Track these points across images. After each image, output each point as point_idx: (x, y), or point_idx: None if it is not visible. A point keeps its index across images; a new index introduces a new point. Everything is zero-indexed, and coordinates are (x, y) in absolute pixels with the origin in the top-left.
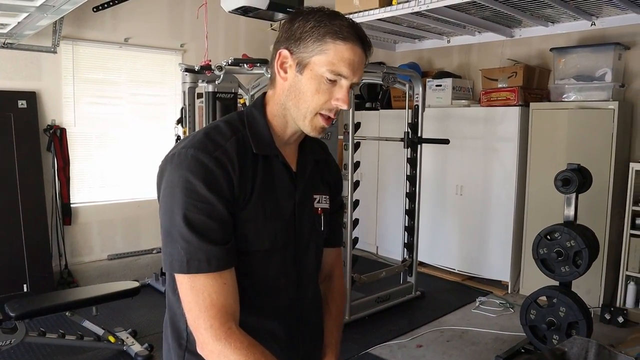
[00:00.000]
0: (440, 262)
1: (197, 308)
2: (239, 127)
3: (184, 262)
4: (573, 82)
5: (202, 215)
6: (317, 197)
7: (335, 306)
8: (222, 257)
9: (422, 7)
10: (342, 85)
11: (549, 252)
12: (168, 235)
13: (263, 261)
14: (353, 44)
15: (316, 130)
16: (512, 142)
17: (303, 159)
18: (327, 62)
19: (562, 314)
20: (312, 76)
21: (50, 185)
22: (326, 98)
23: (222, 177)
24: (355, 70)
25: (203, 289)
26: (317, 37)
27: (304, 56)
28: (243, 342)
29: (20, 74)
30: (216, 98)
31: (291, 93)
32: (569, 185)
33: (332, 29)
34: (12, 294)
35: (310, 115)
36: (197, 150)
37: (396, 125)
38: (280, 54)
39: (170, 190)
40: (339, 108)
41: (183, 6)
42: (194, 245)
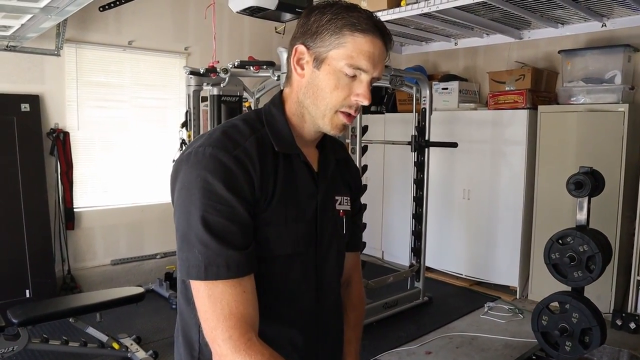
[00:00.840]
0: (448, 267)
1: (215, 318)
2: (257, 125)
3: (201, 267)
4: (582, 85)
5: (222, 217)
6: (338, 199)
7: (355, 315)
8: (242, 262)
9: (431, 8)
10: (362, 80)
11: (561, 257)
12: (184, 239)
13: (284, 266)
14: (373, 36)
15: (337, 129)
16: (520, 146)
17: (324, 158)
18: (345, 55)
19: (575, 320)
20: (330, 71)
21: (53, 190)
22: (346, 94)
23: (242, 177)
24: (376, 63)
25: (221, 297)
26: (335, 30)
27: (321, 51)
28: (264, 354)
29: (23, 77)
30: (221, 101)
31: (309, 90)
32: (581, 189)
33: (350, 20)
34: (14, 299)
35: (330, 112)
36: (215, 148)
37: (402, 129)
38: (297, 49)
39: (186, 192)
40: (360, 104)
41: (187, 9)
42: (212, 250)
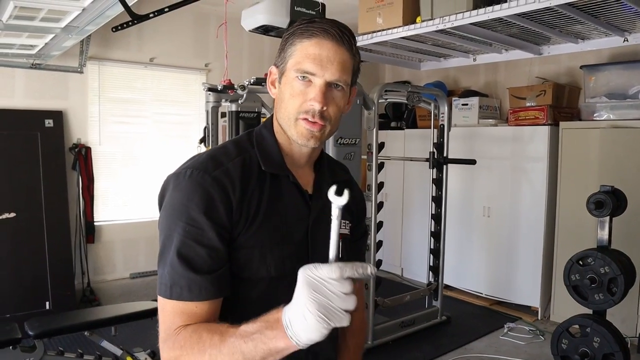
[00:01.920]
0: (467, 286)
1: (165, 332)
2: (247, 147)
3: (168, 286)
4: (605, 101)
5: (192, 240)
6: None
7: (354, 341)
8: (204, 286)
9: (446, 24)
10: (315, 84)
11: (581, 279)
12: (161, 257)
13: (269, 288)
14: (319, 39)
15: (303, 137)
16: (542, 163)
17: (319, 179)
18: (294, 62)
19: (596, 345)
20: (286, 82)
21: (75, 204)
22: (301, 100)
23: (219, 200)
24: (324, 64)
25: (175, 313)
26: (290, 43)
27: (282, 66)
28: (185, 330)
29: (47, 94)
30: (239, 117)
31: (277, 105)
32: (602, 209)
33: (300, 30)
34: (34, 311)
35: (292, 121)
36: (196, 170)
37: (422, 145)
38: (270, 71)
39: (165, 212)
40: (315, 109)
41: (208, 26)
42: (178, 272)
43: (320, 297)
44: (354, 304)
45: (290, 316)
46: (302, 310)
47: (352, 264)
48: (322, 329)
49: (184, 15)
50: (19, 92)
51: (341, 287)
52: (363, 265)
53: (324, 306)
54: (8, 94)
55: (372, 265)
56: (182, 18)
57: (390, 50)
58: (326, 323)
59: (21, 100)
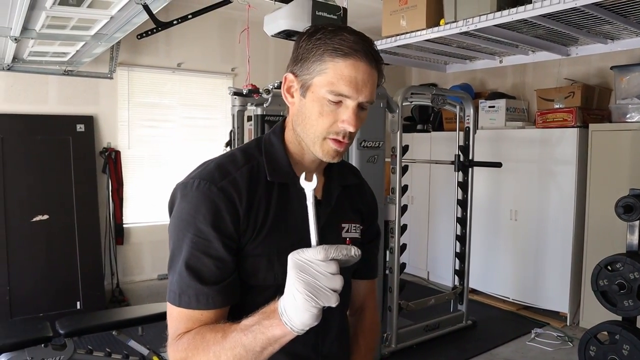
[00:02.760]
0: (494, 290)
1: (170, 336)
2: (255, 154)
3: (176, 295)
4: (637, 102)
5: (200, 251)
6: (345, 226)
7: (365, 342)
8: (212, 296)
9: (470, 27)
10: (347, 105)
11: (609, 284)
12: (170, 265)
13: (276, 295)
14: (355, 60)
15: (329, 155)
16: (570, 166)
17: (328, 185)
18: (327, 82)
19: (625, 352)
20: (314, 99)
21: (104, 206)
22: (331, 121)
23: (225, 210)
24: (360, 88)
25: (182, 320)
26: (317, 57)
27: (307, 78)
28: (189, 332)
29: (79, 99)
30: (264, 121)
31: (299, 118)
32: (631, 213)
33: (332, 46)
34: (65, 310)
35: (318, 140)
36: (203, 181)
37: (448, 147)
38: (286, 78)
39: (175, 222)
40: (347, 131)
41: (234, 31)
42: (185, 282)
43: (308, 277)
44: (340, 284)
45: (284, 303)
46: (291, 291)
47: (336, 245)
48: (311, 307)
49: (210, 21)
50: (52, 98)
51: (327, 267)
52: (347, 247)
53: (312, 285)
54: (42, 100)
55: (357, 248)
56: (209, 24)
57: (415, 52)
58: (314, 302)
59: (54, 106)
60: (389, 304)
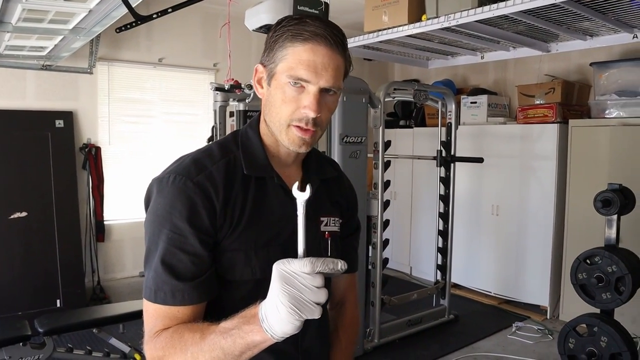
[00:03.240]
0: (476, 285)
1: (148, 335)
2: (232, 148)
3: (152, 291)
4: (615, 98)
5: (175, 247)
6: (324, 220)
7: (346, 336)
8: (188, 292)
9: (451, 22)
10: (308, 91)
11: (588, 278)
12: (146, 261)
13: (254, 290)
14: (314, 44)
15: (295, 144)
16: (551, 161)
17: (307, 179)
18: (287, 67)
19: (603, 344)
20: (277, 85)
21: (85, 203)
22: (294, 107)
23: (201, 205)
24: (319, 71)
25: (159, 317)
26: (280, 44)
27: (272, 67)
28: (167, 331)
29: (58, 95)
30: (247, 116)
31: (266, 107)
32: (609, 207)
33: (292, 32)
34: (45, 309)
35: (283, 127)
36: (179, 176)
37: (430, 143)
38: (257, 69)
39: (151, 217)
40: (309, 116)
41: (216, 26)
42: (161, 278)
43: (293, 289)
44: (325, 297)
45: (265, 310)
46: (275, 302)
47: (323, 259)
48: (294, 320)
49: (192, 16)
50: (30, 93)
51: (313, 280)
52: (334, 261)
53: (296, 298)
54: (19, 95)
55: (343, 262)
56: (190, 18)
57: (398, 48)
58: (298, 315)
59: (32, 101)
60: (372, 299)
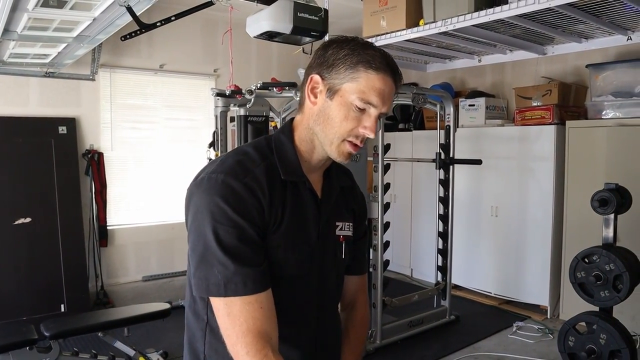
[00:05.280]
0: (476, 285)
1: (235, 335)
2: (267, 153)
3: (221, 285)
4: (611, 99)
5: (234, 239)
6: (339, 225)
7: (356, 336)
8: (257, 279)
9: (448, 27)
10: (370, 114)
11: (587, 276)
12: (202, 260)
13: (289, 287)
14: (385, 74)
15: (343, 156)
16: (548, 162)
17: (328, 185)
18: (358, 90)
19: (602, 342)
20: (341, 102)
21: (88, 208)
22: (354, 125)
23: (251, 203)
24: (385, 100)
25: (239, 314)
26: (350, 65)
27: (336, 82)
28: None
29: (61, 101)
30: (248, 121)
31: (320, 117)
32: (606, 206)
33: (365, 58)
34: (50, 313)
35: (337, 141)
36: (227, 175)
37: (429, 146)
38: (312, 78)
39: (200, 215)
40: (366, 136)
41: (216, 32)
42: (230, 269)
43: None
44: None
45: None
46: None
47: None
48: None
49: (193, 23)
50: (33, 101)
51: None
52: None
53: None
54: (23, 102)
55: None
56: (191, 25)
57: (396, 52)
58: None
59: (35, 108)
60: (373, 301)
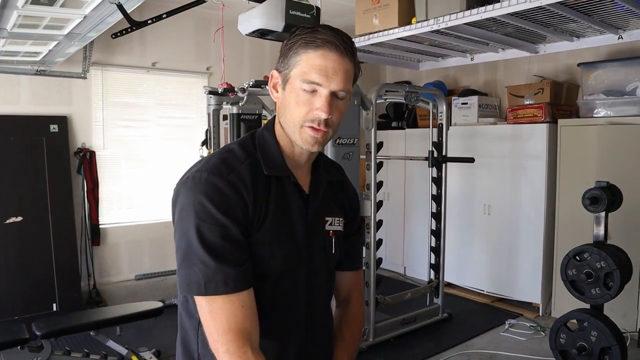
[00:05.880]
0: (469, 283)
1: (215, 332)
2: (251, 150)
3: (201, 284)
4: (603, 98)
5: (218, 237)
6: (329, 220)
7: (350, 332)
8: (238, 278)
9: (440, 25)
10: (320, 94)
11: (578, 274)
12: (185, 258)
13: (275, 283)
14: (325, 50)
15: (308, 143)
16: (540, 160)
17: (316, 180)
18: (300, 72)
19: (593, 339)
20: (291, 89)
21: (80, 207)
22: (307, 109)
23: (235, 201)
24: (329, 76)
25: (220, 312)
26: (294, 51)
27: (286, 72)
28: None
29: (52, 100)
30: (240, 119)
31: (281, 110)
32: (597, 204)
33: (305, 39)
34: (42, 313)
35: (297, 128)
36: (211, 174)
37: (422, 144)
38: (272, 75)
39: (185, 214)
40: (321, 117)
41: (208, 30)
42: (211, 268)
43: None
44: None
45: None
46: None
47: None
48: None
49: (185, 20)
50: (24, 99)
51: None
52: None
53: None
54: (14, 100)
55: None
56: (183, 23)
57: (389, 51)
58: None
59: (26, 106)
60: (366, 299)
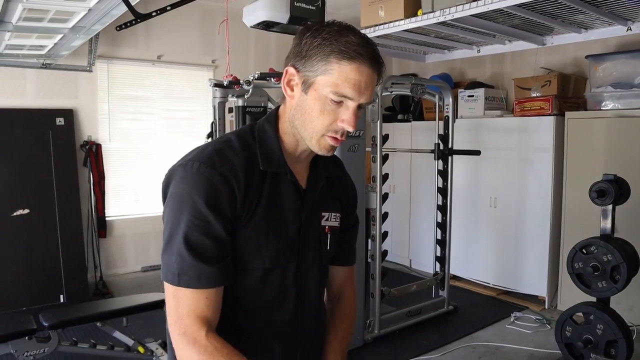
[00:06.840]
0: (474, 276)
1: (176, 315)
2: (250, 141)
3: (175, 275)
4: (611, 90)
5: (199, 232)
6: (325, 215)
7: (343, 327)
8: (212, 276)
9: (447, 17)
10: (348, 106)
11: (584, 267)
12: (167, 245)
13: (262, 278)
14: (360, 64)
15: (325, 150)
16: (547, 153)
17: (314, 175)
18: (331, 83)
19: (599, 332)
20: (316, 96)
21: (86, 199)
22: (331, 119)
23: (224, 194)
24: (362, 91)
25: (184, 299)
26: (323, 56)
27: (309, 75)
28: (211, 345)
29: (58, 93)
30: (246, 112)
31: (297, 112)
32: (604, 197)
33: (338, 47)
34: (49, 304)
35: (317, 136)
36: (203, 164)
37: (428, 136)
38: (287, 71)
39: (173, 202)
40: (345, 129)
41: (214, 23)
42: (187, 262)
43: None
44: None
45: None
46: None
47: None
48: None
49: (190, 13)
50: (30, 92)
51: None
52: None
53: None
54: (20, 94)
55: None
56: (189, 15)
57: (395, 43)
58: None
59: (32, 99)
60: (372, 291)
